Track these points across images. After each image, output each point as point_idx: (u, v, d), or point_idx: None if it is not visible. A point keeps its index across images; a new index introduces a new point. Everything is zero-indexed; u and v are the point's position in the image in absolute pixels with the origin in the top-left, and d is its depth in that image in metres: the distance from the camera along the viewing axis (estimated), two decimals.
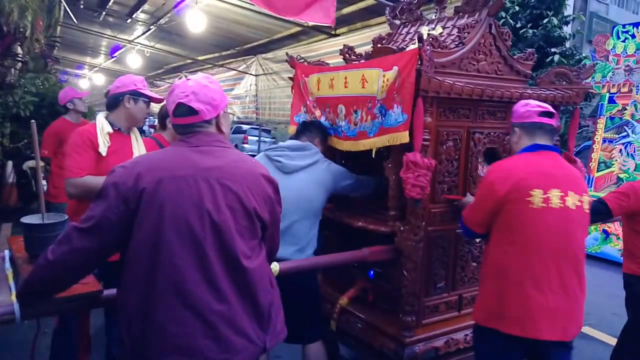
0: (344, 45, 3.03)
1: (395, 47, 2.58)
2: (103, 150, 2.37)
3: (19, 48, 6.39)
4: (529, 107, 2.12)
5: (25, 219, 1.93)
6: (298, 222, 2.47)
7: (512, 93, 2.44)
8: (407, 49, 2.48)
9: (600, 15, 16.13)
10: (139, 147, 2.58)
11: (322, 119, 2.85)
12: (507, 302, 1.97)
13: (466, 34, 2.46)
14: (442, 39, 2.47)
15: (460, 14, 2.65)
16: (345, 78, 2.58)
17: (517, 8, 8.93)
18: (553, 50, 9.11)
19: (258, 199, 1.55)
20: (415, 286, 2.37)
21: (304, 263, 2.20)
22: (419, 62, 2.16)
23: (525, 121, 2.11)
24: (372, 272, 2.70)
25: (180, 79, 1.75)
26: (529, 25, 9.22)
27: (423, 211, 2.35)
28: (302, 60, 3.01)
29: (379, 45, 2.86)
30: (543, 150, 2.09)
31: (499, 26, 2.57)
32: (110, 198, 1.44)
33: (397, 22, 3.05)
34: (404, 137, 2.25)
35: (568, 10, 10.01)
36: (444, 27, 2.67)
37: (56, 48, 12.53)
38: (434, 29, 2.68)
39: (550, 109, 2.13)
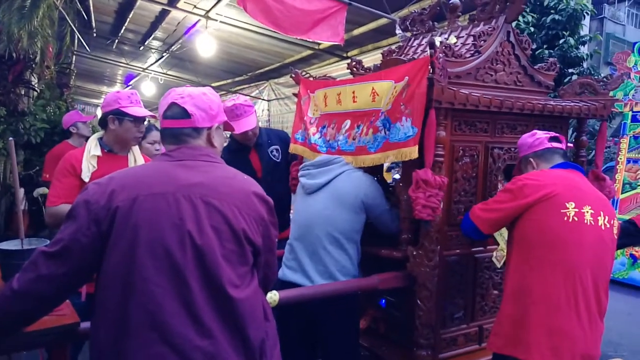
0: (351, 58, 2.88)
1: (405, 59, 2.42)
2: (86, 175, 2.21)
3: (32, 76, 6.45)
4: (537, 135, 2.08)
5: (2, 245, 1.78)
6: (322, 248, 2.22)
7: (534, 105, 2.25)
8: None
9: (617, 37, 15.95)
10: None
11: (317, 137, 2.65)
12: (527, 325, 1.78)
13: (482, 42, 2.29)
14: (457, 48, 2.30)
15: (476, 22, 2.48)
16: (353, 92, 2.40)
17: (532, 29, 8.77)
18: (570, 70, 8.91)
19: (248, 220, 1.37)
20: (431, 317, 2.14)
21: (306, 292, 1.99)
22: (431, 71, 1.99)
23: (538, 149, 2.05)
24: (383, 300, 2.49)
25: None
26: (544, 46, 9.05)
27: (438, 234, 2.14)
28: (307, 76, 2.86)
29: (388, 58, 2.70)
30: (572, 169, 2.00)
31: (518, 34, 2.39)
32: (80, 218, 1.28)
33: (408, 34, 2.90)
34: (413, 152, 2.06)
35: (584, 31, 9.82)
36: (458, 37, 2.50)
37: (72, 77, 12.73)
38: (447, 38, 2.51)
39: (556, 134, 2.10)
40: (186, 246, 1.27)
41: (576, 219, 1.82)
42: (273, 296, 1.85)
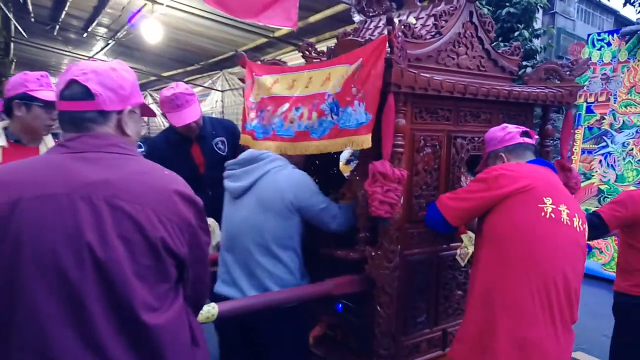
0: (305, 41, 2.64)
1: (362, 40, 2.20)
2: None
3: None
4: (508, 129, 1.94)
5: None
6: (253, 260, 1.95)
7: (499, 91, 2.08)
8: None
9: (567, 31, 16.45)
10: None
11: (255, 122, 2.36)
12: (495, 331, 1.62)
13: (443, 22, 2.09)
14: (417, 29, 2.10)
15: (436, 1, 2.28)
16: (310, 79, 2.15)
17: None
18: (525, 63, 9.05)
19: (169, 226, 1.10)
20: (391, 324, 1.94)
21: (249, 302, 1.75)
22: (389, 51, 1.77)
23: (510, 144, 1.91)
24: (340, 305, 2.27)
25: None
26: (499, 39, 9.13)
27: (398, 232, 1.94)
28: (255, 59, 2.60)
29: (343, 39, 2.47)
30: (546, 167, 1.86)
31: (481, 15, 2.21)
32: None
33: (364, 17, 2.68)
34: (365, 141, 1.83)
35: (537, 25, 9.99)
36: (417, 18, 2.30)
37: (12, 67, 11.89)
38: (406, 19, 2.31)
39: (527, 129, 1.97)
40: (85, 262, 1.00)
41: (553, 215, 1.67)
42: (211, 309, 1.60)
